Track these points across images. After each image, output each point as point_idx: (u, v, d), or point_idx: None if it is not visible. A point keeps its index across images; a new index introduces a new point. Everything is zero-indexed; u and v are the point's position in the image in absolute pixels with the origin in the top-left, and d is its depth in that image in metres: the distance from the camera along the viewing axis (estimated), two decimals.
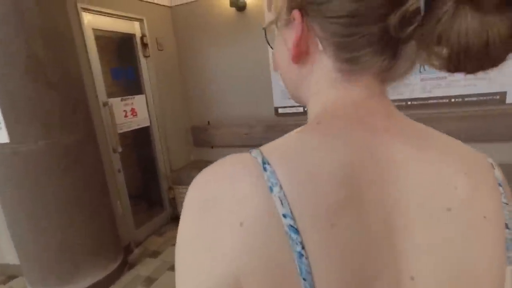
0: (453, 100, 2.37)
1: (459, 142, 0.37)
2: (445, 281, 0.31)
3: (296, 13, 0.34)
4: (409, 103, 2.46)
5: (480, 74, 0.29)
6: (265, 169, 0.29)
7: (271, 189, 0.28)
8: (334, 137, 0.33)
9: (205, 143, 3.24)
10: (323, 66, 0.36)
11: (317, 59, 0.36)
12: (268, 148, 0.32)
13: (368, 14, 0.30)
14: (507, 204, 0.35)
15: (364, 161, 0.31)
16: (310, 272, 0.27)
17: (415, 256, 0.31)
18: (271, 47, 0.43)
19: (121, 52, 2.81)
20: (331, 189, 0.29)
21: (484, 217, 0.33)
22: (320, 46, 0.35)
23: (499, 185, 0.36)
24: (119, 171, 2.54)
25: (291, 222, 0.27)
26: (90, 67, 2.27)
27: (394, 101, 0.37)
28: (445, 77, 2.33)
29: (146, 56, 2.81)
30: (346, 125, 0.34)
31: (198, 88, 3.18)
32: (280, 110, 2.87)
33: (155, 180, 3.08)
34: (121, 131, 2.54)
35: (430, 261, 0.31)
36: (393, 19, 0.29)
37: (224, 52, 2.98)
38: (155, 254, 2.54)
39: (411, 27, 0.28)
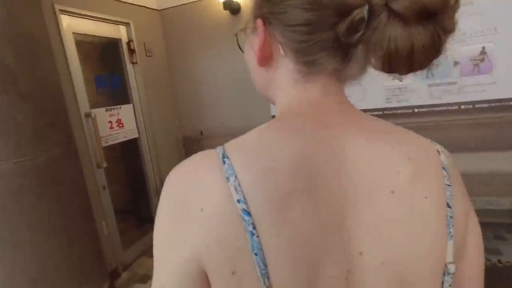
0: (463, 107, 2.23)
1: (410, 132, 0.41)
2: (391, 256, 0.35)
3: (259, 22, 0.39)
4: (416, 110, 2.31)
5: (492, 79, 0.28)
6: (224, 162, 0.34)
7: (228, 179, 0.33)
8: (290, 133, 0.37)
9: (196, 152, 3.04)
10: (285, 68, 0.40)
11: (280, 62, 0.41)
12: (231, 144, 0.37)
13: (320, 22, 0.35)
14: (450, 185, 0.39)
15: (318, 154, 0.36)
16: (261, 249, 0.32)
17: (363, 234, 0.35)
18: (242, 51, 0.47)
19: (105, 58, 2.60)
20: (284, 179, 0.34)
21: (425, 197, 0.37)
22: (281, 51, 0.39)
23: (443, 168, 0.40)
24: (104, 188, 2.32)
25: (244, 207, 0.32)
26: (70, 75, 2.07)
27: (399, 108, 0.33)
28: (455, 83, 2.18)
29: (133, 63, 2.61)
30: (303, 122, 0.38)
31: (190, 96, 2.99)
32: None
33: (144, 194, 2.87)
34: (106, 145, 2.33)
35: (376, 238, 0.35)
36: (342, 26, 0.33)
37: (217, 57, 2.80)
38: (144, 278, 2.32)
39: (358, 34, 0.33)
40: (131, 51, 2.58)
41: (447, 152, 0.42)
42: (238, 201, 0.32)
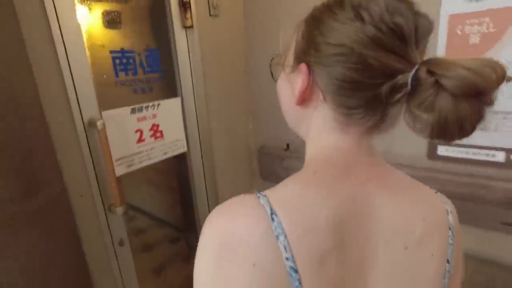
0: None
1: (425, 187, 0.47)
2: None
3: (304, 67, 0.41)
4: None
5: None
6: (273, 219, 0.36)
7: (277, 237, 0.35)
8: (328, 191, 0.39)
9: (278, 177, 1.92)
10: (323, 113, 0.43)
11: (319, 106, 0.43)
12: (275, 198, 0.38)
13: (365, 82, 0.37)
14: (452, 244, 0.45)
15: (350, 213, 0.39)
16: None
17: (377, 285, 0.40)
18: (275, 80, 0.51)
19: (133, 20, 1.57)
20: (323, 238, 0.37)
21: (432, 255, 0.43)
22: (321, 97, 0.42)
23: (449, 228, 0.45)
24: (120, 243, 1.40)
25: (292, 264, 0.35)
26: (55, 50, 1.08)
27: None
28: None
29: (186, 27, 1.53)
30: (338, 177, 0.41)
31: (275, 86, 1.83)
32: (441, 151, 1.36)
33: (192, 235, 1.91)
34: (128, 170, 1.37)
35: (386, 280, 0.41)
36: (385, 88, 0.36)
37: None
38: None
39: (399, 95, 0.36)
40: (184, 7, 1.49)
41: (454, 209, 0.47)
42: (287, 259, 0.35)
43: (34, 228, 1.00)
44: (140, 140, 1.41)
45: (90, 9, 1.22)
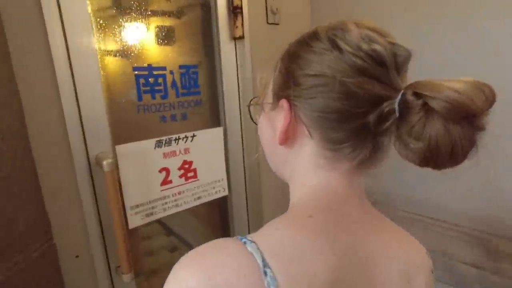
0: None
1: (407, 234, 0.45)
2: None
3: (284, 103, 0.39)
4: None
5: None
6: (265, 272, 0.30)
7: None
8: (325, 238, 0.35)
9: None
10: (309, 151, 0.39)
11: (304, 143, 0.40)
12: (266, 246, 0.32)
13: (351, 111, 0.34)
14: (432, 286, 0.44)
15: (349, 264, 0.35)
16: None
17: None
18: (255, 123, 0.48)
19: (166, 30, 1.26)
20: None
21: None
22: (306, 133, 0.38)
23: (431, 272, 0.45)
24: None
25: None
26: (50, 60, 0.82)
27: None
28: None
29: (236, 38, 1.20)
30: (333, 221, 0.37)
31: None
32: None
33: None
34: (148, 220, 1.04)
35: None
36: (372, 117, 0.34)
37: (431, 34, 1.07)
38: None
39: (388, 123, 0.33)
40: (234, 13, 1.16)
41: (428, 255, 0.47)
42: None
43: None
44: (165, 181, 1.09)
45: (106, 15, 0.96)
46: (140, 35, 1.01)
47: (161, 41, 1.06)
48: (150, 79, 1.03)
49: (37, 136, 0.81)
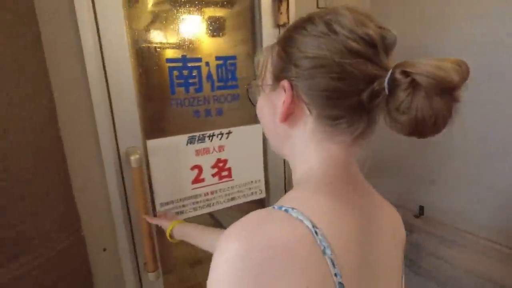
0: None
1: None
2: None
3: (286, 83, 0.41)
4: None
5: None
6: (316, 233, 0.33)
7: (324, 252, 0.33)
8: (347, 200, 0.40)
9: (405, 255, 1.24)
10: (310, 126, 0.42)
11: (304, 120, 0.42)
12: (309, 211, 0.35)
13: (348, 90, 0.38)
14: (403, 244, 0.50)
15: (366, 221, 0.41)
16: None
17: (383, 279, 0.42)
18: (253, 104, 0.51)
19: (211, 17, 1.18)
20: (357, 248, 0.37)
21: (401, 254, 0.48)
22: (307, 111, 0.41)
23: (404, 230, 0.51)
24: None
25: (340, 280, 0.33)
26: (80, 51, 0.80)
27: None
28: None
29: (280, 25, 1.08)
30: (347, 187, 0.42)
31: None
32: None
33: None
34: (179, 216, 1.01)
35: (387, 281, 0.43)
36: (365, 95, 0.37)
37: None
38: None
39: (378, 99, 0.37)
40: None
41: None
42: (335, 274, 0.33)
43: None
44: (197, 180, 1.03)
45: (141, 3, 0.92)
46: (176, 25, 0.96)
47: (200, 31, 1.00)
48: (184, 71, 0.97)
49: (67, 129, 0.81)
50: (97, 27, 0.82)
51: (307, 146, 0.43)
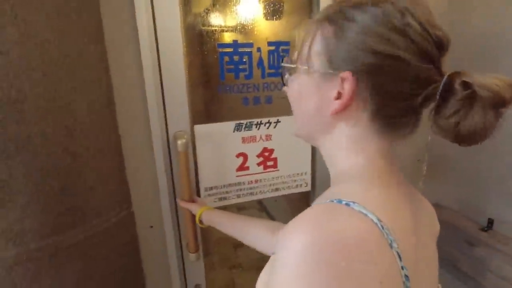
0: None
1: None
2: (433, 279, 0.46)
3: (349, 76, 0.38)
4: None
5: None
6: (382, 226, 0.33)
7: (391, 245, 0.33)
8: (398, 193, 0.41)
9: (458, 269, 1.11)
10: (362, 123, 0.41)
11: (357, 116, 0.41)
12: (371, 204, 0.34)
13: (409, 93, 0.37)
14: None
15: (415, 210, 0.42)
16: None
17: (424, 270, 0.41)
18: (285, 85, 0.49)
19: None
20: (413, 241, 0.38)
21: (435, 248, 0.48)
22: (363, 107, 0.40)
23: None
24: None
25: (406, 272, 0.33)
26: (136, 37, 0.82)
27: None
28: None
29: None
30: (393, 179, 0.42)
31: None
32: None
33: None
34: (219, 204, 1.02)
35: (428, 271, 0.44)
36: (421, 97, 0.37)
37: None
38: None
39: (432, 103, 0.37)
40: None
41: None
42: (402, 267, 0.33)
43: (83, 259, 0.81)
44: (242, 167, 1.03)
45: None
46: (231, 8, 0.93)
47: (255, 14, 0.96)
48: (234, 57, 0.95)
49: (123, 112, 0.85)
50: (153, 10, 0.83)
51: (356, 142, 0.42)
